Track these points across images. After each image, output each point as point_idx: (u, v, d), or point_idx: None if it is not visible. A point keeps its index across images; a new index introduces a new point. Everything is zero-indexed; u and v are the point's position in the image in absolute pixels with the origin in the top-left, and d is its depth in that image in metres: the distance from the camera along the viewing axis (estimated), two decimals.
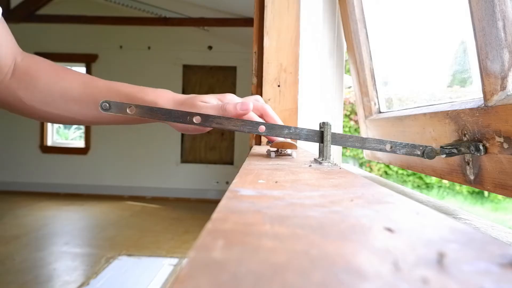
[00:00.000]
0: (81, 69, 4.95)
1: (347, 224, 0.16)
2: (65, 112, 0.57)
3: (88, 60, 4.90)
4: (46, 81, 0.56)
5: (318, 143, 0.44)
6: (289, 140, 0.50)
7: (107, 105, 0.46)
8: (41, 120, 0.61)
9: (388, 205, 0.21)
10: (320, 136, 0.44)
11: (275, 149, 0.50)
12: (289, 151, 0.50)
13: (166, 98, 0.58)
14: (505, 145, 0.39)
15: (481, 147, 0.42)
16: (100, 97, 0.57)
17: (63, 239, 3.04)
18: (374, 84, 0.98)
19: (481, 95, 0.43)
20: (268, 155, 0.50)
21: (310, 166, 0.40)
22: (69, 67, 0.62)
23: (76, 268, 2.42)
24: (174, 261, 2.58)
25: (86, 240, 3.08)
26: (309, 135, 0.45)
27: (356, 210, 0.19)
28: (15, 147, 4.95)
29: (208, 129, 0.57)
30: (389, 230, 0.16)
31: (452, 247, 0.13)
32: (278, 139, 0.50)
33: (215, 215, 0.17)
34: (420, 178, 6.09)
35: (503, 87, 0.39)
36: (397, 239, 0.14)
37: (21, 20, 4.06)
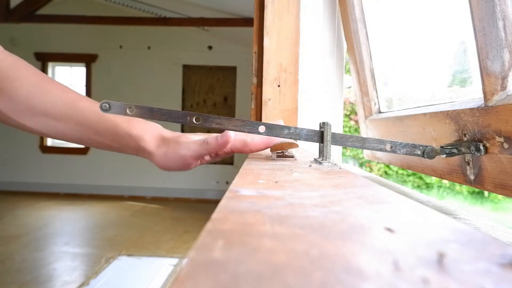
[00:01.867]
0: (81, 69, 4.95)
1: (347, 224, 0.16)
2: (45, 129, 0.52)
3: (88, 60, 4.90)
4: (27, 92, 0.50)
5: (318, 143, 0.44)
6: (287, 140, 0.48)
7: (107, 105, 0.46)
8: (17, 128, 0.54)
9: (388, 205, 0.21)
10: (320, 136, 0.44)
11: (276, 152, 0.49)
12: (291, 151, 0.48)
13: (152, 133, 0.55)
14: (506, 145, 0.39)
15: (481, 147, 0.42)
16: (86, 121, 0.52)
17: (63, 239, 3.04)
18: (374, 84, 0.98)
19: (481, 95, 0.43)
20: (271, 157, 0.50)
21: (310, 166, 0.40)
22: (55, 80, 0.55)
23: (76, 268, 2.42)
24: (174, 261, 2.58)
25: (86, 240, 3.08)
26: (309, 135, 0.45)
27: (356, 210, 0.19)
28: (15, 147, 4.95)
29: (193, 166, 0.56)
30: (389, 230, 0.16)
31: (452, 247, 0.13)
32: (277, 140, 0.49)
33: (215, 215, 0.17)
34: (420, 178, 6.10)
35: (504, 87, 0.39)
36: (397, 239, 0.14)
37: (21, 20, 4.06)
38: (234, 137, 0.51)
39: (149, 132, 0.55)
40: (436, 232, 0.16)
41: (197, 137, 0.56)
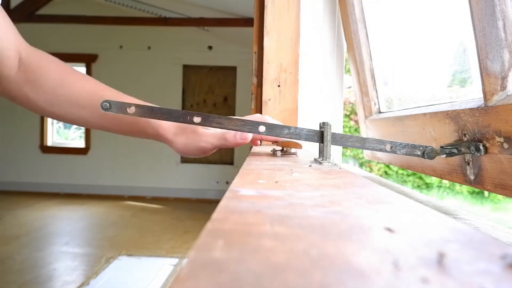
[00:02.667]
0: (81, 69, 4.95)
1: (347, 224, 0.16)
2: (70, 115, 0.58)
3: (88, 60, 4.91)
4: (53, 83, 0.56)
5: (318, 143, 0.44)
6: (294, 140, 0.52)
7: (108, 104, 0.46)
8: (47, 117, 0.62)
9: (388, 205, 0.21)
10: (320, 136, 0.44)
11: (280, 148, 0.53)
12: (293, 150, 0.53)
13: (169, 122, 0.59)
14: (505, 145, 0.39)
15: (481, 147, 0.42)
16: None
17: (63, 239, 3.04)
18: (374, 84, 0.98)
19: (481, 95, 0.43)
20: (274, 154, 0.53)
21: (310, 166, 0.40)
22: (78, 71, 0.62)
23: (76, 268, 2.42)
24: (174, 261, 2.58)
25: (86, 240, 3.08)
26: (309, 135, 0.45)
27: (356, 210, 0.19)
28: (15, 147, 4.95)
29: (209, 151, 0.60)
30: (389, 230, 0.16)
31: (452, 247, 0.13)
32: (283, 139, 0.53)
33: (215, 215, 0.17)
34: (420, 178, 6.09)
35: (503, 87, 0.39)
36: (397, 239, 0.14)
37: (21, 20, 4.07)
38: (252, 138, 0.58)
39: (165, 124, 0.60)
40: (436, 232, 0.16)
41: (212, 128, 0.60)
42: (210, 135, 0.58)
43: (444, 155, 0.44)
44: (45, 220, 3.57)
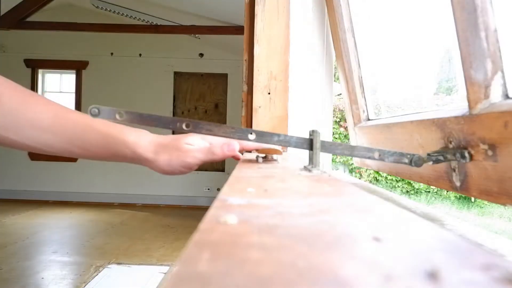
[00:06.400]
0: (72, 76, 4.91)
1: (335, 233, 0.16)
2: (31, 141, 0.53)
3: (79, 67, 4.87)
4: (11, 106, 0.51)
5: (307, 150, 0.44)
6: (274, 146, 0.52)
7: (96, 110, 0.46)
8: (5, 146, 0.54)
9: (377, 213, 0.21)
10: (309, 143, 0.44)
11: (263, 155, 0.54)
12: (274, 156, 0.53)
13: (147, 140, 0.56)
14: (490, 152, 0.39)
15: (466, 154, 0.43)
16: (73, 131, 0.53)
17: (52, 247, 2.98)
18: (363, 92, 0.99)
19: (466, 103, 0.44)
20: (256, 161, 0.54)
21: (299, 173, 0.40)
22: (38, 94, 0.57)
23: (65, 277, 2.37)
24: (165, 269, 2.55)
25: (75, 249, 3.03)
26: (298, 143, 0.45)
27: (344, 219, 0.19)
28: (3, 154, 4.86)
29: (194, 168, 0.57)
30: (378, 239, 0.16)
31: (439, 256, 0.14)
32: (264, 146, 0.54)
33: (202, 225, 0.17)
34: (409, 183, 6.15)
35: (487, 96, 0.40)
36: (386, 249, 0.14)
37: (11, 27, 4.02)
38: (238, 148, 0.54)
39: (145, 139, 0.56)
40: (424, 241, 0.16)
41: (195, 140, 0.57)
42: (196, 151, 0.55)
43: (431, 162, 0.45)
44: (33, 228, 3.50)
